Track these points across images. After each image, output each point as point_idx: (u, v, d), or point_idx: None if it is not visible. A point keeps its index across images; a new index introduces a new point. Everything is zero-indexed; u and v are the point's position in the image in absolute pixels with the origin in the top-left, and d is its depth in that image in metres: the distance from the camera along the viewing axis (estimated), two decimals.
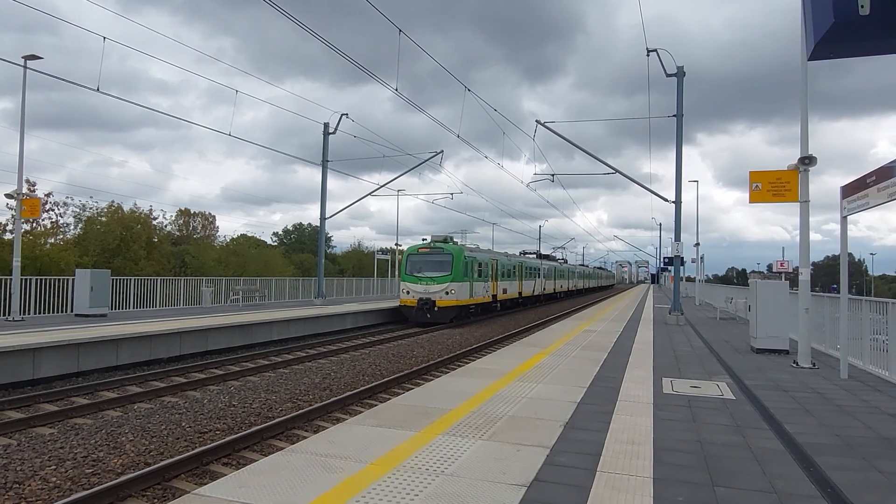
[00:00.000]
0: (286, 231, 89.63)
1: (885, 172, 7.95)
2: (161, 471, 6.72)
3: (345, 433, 5.75)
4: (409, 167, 30.00)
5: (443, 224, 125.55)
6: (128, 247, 38.73)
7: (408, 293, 25.61)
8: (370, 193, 30.25)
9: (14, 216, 18.49)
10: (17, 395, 10.41)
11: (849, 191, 9.25)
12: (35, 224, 34.61)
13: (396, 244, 48.20)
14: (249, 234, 61.11)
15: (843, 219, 9.55)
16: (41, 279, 18.54)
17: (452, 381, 8.62)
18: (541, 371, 9.45)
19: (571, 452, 5.20)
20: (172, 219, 55.17)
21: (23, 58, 15.81)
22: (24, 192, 17.99)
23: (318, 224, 28.85)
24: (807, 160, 10.59)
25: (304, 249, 76.48)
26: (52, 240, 36.06)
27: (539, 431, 5.85)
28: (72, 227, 40.05)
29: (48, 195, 37.68)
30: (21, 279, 16.88)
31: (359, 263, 69.40)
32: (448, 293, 25.04)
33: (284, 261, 61.97)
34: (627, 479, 4.53)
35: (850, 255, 16.43)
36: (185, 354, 14.98)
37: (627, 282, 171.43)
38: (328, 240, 76.20)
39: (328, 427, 7.99)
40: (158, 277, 24.71)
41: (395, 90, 19.33)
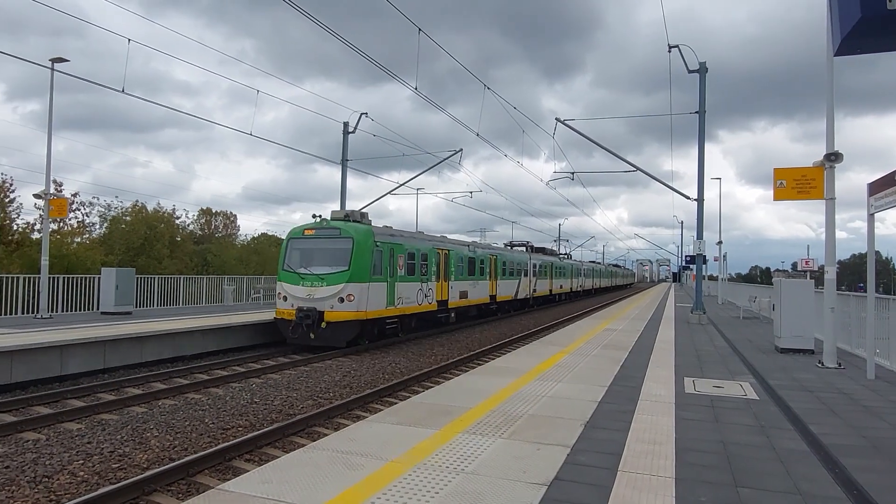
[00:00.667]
0: None
1: None
2: (186, 466, 6.83)
3: (365, 431, 5.79)
4: (429, 166, 29.91)
5: (462, 222, 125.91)
6: (151, 246, 39.33)
7: (284, 299, 16.62)
8: (389, 192, 30.14)
9: (42, 216, 18.92)
10: (46, 391, 10.65)
11: (876, 187, 9.08)
12: (62, 223, 35.25)
13: None
14: (270, 233, 61.61)
15: (871, 216, 9.37)
16: (68, 278, 18.95)
17: (472, 380, 8.63)
18: (561, 370, 9.42)
19: (592, 452, 5.19)
20: (195, 218, 55.85)
21: (50, 60, 16.13)
22: (52, 193, 18.32)
23: None
24: (833, 156, 10.42)
25: None
26: (79, 239, 36.70)
27: (559, 430, 5.84)
28: (97, 227, 40.80)
29: (75, 195, 38.40)
30: (49, 278, 17.26)
31: None
32: (343, 300, 16.04)
33: None
34: (649, 479, 4.50)
35: (878, 253, 16.10)
36: (209, 352, 15.17)
37: (648, 280, 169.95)
38: None
39: (349, 424, 8.05)
40: (181, 276, 25.07)
41: (415, 89, 19.31)
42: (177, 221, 45.96)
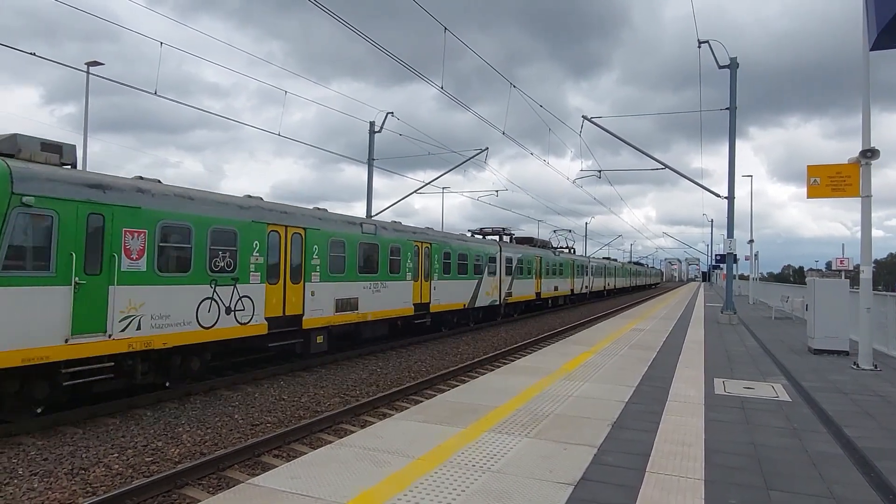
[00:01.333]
0: None
1: None
2: (216, 461, 6.96)
3: (392, 428, 5.83)
4: (454, 165, 29.86)
5: (487, 221, 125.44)
6: None
7: None
8: (415, 191, 30.30)
9: None
10: None
11: None
12: None
13: None
14: None
15: None
16: None
17: (498, 379, 8.63)
18: (587, 369, 9.36)
19: (619, 452, 5.15)
20: None
21: (86, 64, 16.57)
22: None
23: None
24: (869, 153, 10.16)
25: None
26: None
27: (586, 430, 5.80)
28: None
29: None
30: None
31: None
32: None
33: None
34: (678, 481, 4.46)
35: None
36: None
37: (677, 280, 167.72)
38: None
39: (375, 422, 8.11)
40: None
41: (441, 88, 19.34)
42: None
